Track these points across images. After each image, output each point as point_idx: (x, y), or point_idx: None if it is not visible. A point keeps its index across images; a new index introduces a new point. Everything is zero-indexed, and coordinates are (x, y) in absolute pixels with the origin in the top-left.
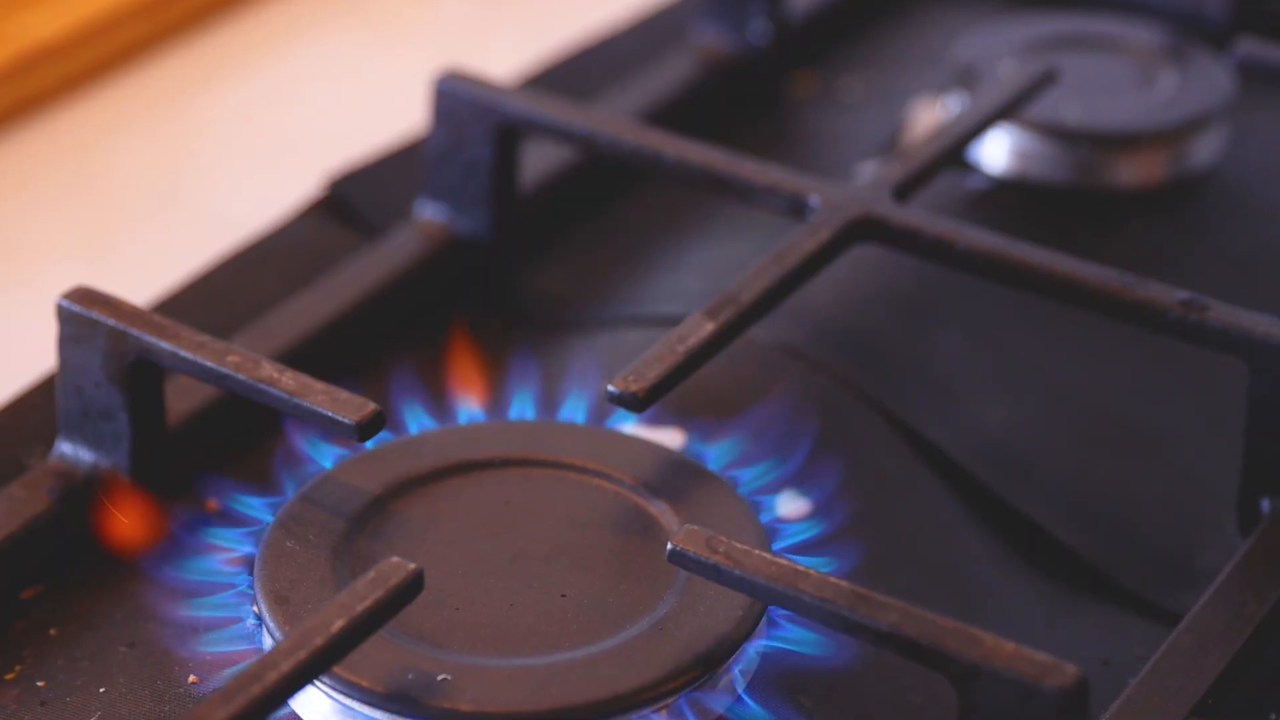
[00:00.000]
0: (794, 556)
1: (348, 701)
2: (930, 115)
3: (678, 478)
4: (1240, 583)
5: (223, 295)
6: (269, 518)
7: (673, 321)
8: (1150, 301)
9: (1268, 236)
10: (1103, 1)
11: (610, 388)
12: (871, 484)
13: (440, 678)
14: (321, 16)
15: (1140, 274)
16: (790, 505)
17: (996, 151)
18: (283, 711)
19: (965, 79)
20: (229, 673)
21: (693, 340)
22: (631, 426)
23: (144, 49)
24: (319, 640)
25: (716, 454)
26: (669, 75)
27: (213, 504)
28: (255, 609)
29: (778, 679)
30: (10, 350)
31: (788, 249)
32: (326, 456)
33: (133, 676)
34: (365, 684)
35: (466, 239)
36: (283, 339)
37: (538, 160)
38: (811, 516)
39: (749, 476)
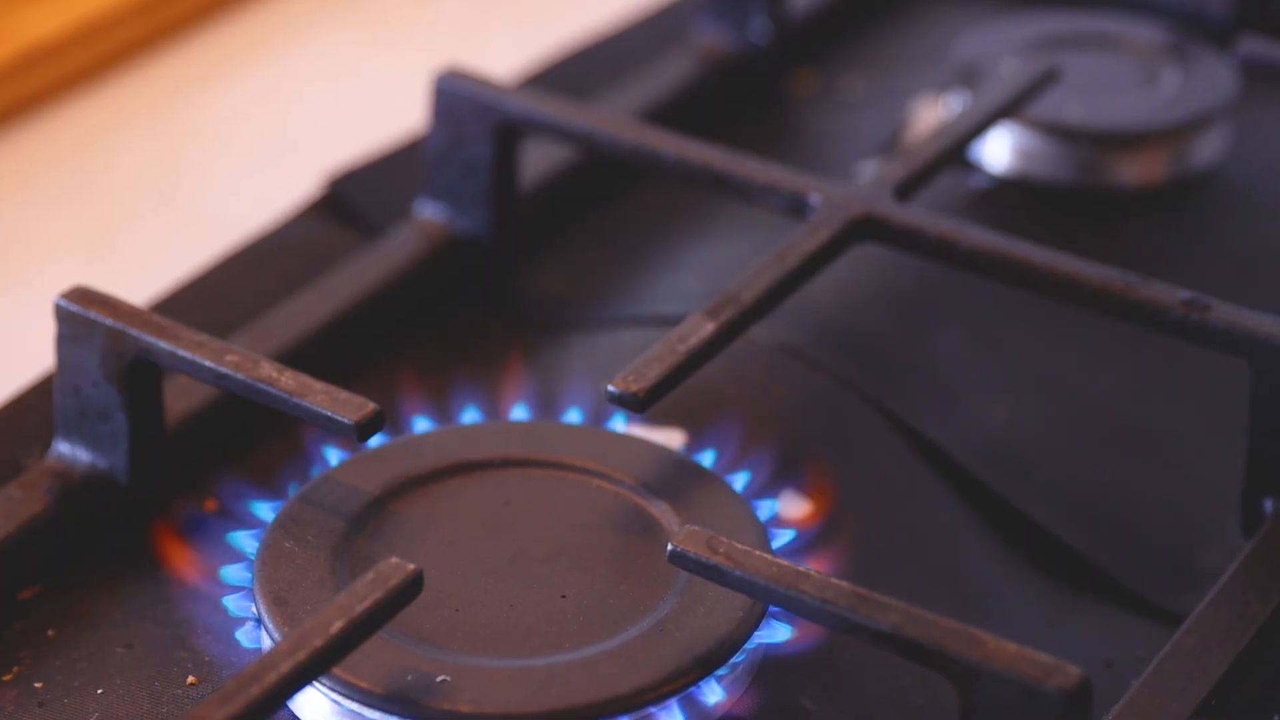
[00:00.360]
0: (794, 557)
1: (347, 703)
2: (932, 114)
3: (678, 478)
4: (1243, 583)
5: (222, 295)
6: (268, 518)
7: (673, 321)
8: (1152, 301)
9: (1270, 236)
10: (1105, 0)
11: (610, 388)
12: (871, 484)
13: (440, 679)
14: (320, 16)
15: (1142, 273)
16: (790, 505)
17: (998, 150)
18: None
19: (967, 77)
20: (228, 674)
21: (693, 340)
22: (631, 426)
23: (143, 48)
24: (318, 641)
25: (716, 454)
26: (669, 74)
27: (211, 504)
28: (254, 610)
29: (778, 679)
30: (9, 350)
31: (788, 248)
32: (327, 457)
33: (131, 678)
34: (365, 685)
35: (466, 238)
36: (282, 339)
37: (538, 160)
38: (811, 517)
39: (749, 477)
